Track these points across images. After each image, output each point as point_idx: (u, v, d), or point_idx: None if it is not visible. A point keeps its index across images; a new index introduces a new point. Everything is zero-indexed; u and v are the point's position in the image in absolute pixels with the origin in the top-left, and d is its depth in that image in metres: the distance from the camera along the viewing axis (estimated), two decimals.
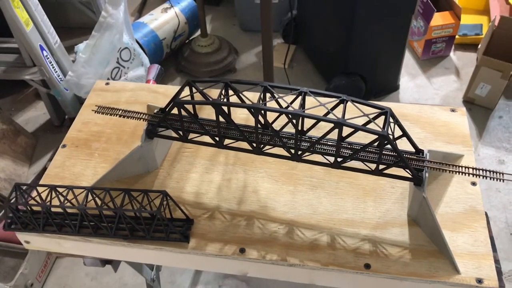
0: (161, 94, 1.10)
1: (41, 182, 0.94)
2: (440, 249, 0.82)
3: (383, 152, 0.80)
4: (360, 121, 0.79)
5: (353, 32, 2.06)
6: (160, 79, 1.39)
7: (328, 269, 0.81)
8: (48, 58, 1.99)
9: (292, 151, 0.84)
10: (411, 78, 2.45)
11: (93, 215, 0.84)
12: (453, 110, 1.04)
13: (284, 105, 0.82)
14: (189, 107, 0.86)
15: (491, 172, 0.80)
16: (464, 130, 1.00)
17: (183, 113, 0.84)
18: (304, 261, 0.82)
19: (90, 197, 0.83)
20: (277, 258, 0.82)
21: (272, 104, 0.82)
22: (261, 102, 0.82)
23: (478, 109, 2.27)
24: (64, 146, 1.00)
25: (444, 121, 1.02)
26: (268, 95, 0.84)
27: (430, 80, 2.43)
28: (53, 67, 2.01)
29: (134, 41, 2.09)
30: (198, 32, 2.49)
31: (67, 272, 1.84)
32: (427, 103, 2.31)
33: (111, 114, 0.91)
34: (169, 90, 1.11)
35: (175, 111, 0.84)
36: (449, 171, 0.82)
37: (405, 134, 0.82)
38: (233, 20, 2.83)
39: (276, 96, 0.83)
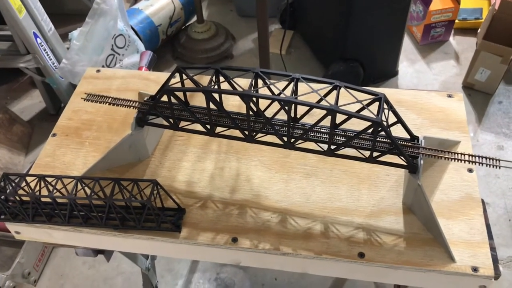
0: (153, 81, 1.08)
1: (31, 172, 0.93)
2: (435, 237, 0.81)
3: (377, 139, 0.79)
4: (354, 108, 0.77)
5: (351, 17, 2.03)
6: (153, 65, 1.37)
7: (321, 258, 0.80)
8: (42, 46, 1.96)
9: (285, 138, 0.82)
10: (410, 63, 2.42)
11: (83, 205, 0.82)
12: (450, 96, 1.03)
13: (276, 91, 0.80)
14: (180, 94, 0.85)
15: (488, 159, 0.78)
16: (461, 116, 0.99)
17: (174, 100, 0.83)
18: (297, 250, 0.81)
19: (80, 187, 0.81)
20: (270, 247, 0.81)
21: (263, 91, 0.80)
22: (252, 88, 0.80)
23: (478, 95, 2.24)
24: (54, 135, 0.99)
25: (440, 106, 1.01)
26: (260, 82, 0.82)
27: (429, 66, 2.41)
28: (47, 55, 1.98)
29: (129, 28, 2.06)
30: (195, 18, 2.46)
31: (65, 261, 1.83)
32: (426, 88, 2.29)
33: (100, 102, 0.89)
34: (161, 77, 1.09)
35: (166, 98, 0.82)
36: (445, 158, 0.80)
37: (399, 120, 0.81)
38: (230, 5, 2.79)
39: (268, 83, 0.81)
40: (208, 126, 0.85)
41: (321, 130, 0.81)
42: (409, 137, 0.83)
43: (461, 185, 0.88)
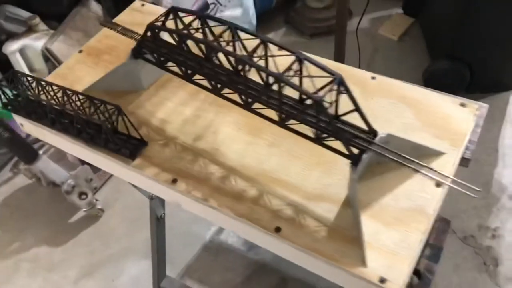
0: None
1: (50, 79, 1.06)
2: (359, 237, 0.77)
3: (321, 119, 0.76)
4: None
5: (467, 12, 1.86)
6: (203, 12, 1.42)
7: (239, 219, 0.81)
8: None
9: (243, 97, 0.83)
10: None
11: (62, 113, 0.93)
12: (463, 105, 0.93)
13: (243, 51, 0.80)
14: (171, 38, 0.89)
15: (442, 176, 0.72)
16: (463, 128, 0.89)
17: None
18: (222, 206, 0.83)
19: (66, 98, 0.92)
20: (199, 196, 0.84)
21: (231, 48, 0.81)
22: (220, 40, 0.82)
23: None
24: (80, 51, 1.11)
25: (446, 113, 0.92)
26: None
27: None
28: None
29: None
30: None
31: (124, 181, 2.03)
32: None
33: (111, 29, 0.98)
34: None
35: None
36: (397, 161, 0.75)
37: (357, 108, 0.77)
38: None
39: (240, 38, 0.81)
40: (183, 69, 0.88)
41: (274, 96, 0.80)
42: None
43: (419, 196, 0.81)
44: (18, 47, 2.05)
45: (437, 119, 0.91)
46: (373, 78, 0.98)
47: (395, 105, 0.93)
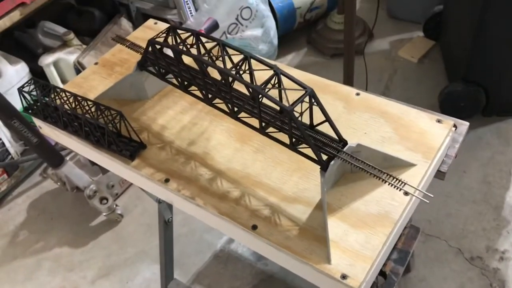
0: None
1: (67, 87, 1.17)
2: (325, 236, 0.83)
3: (293, 127, 0.83)
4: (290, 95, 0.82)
5: (480, 34, 1.89)
6: (212, 32, 1.52)
7: (221, 217, 0.89)
8: (187, 4, 2.26)
9: (230, 106, 0.92)
10: None
11: (73, 117, 1.03)
12: (439, 121, 0.98)
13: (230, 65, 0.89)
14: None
15: (396, 180, 0.78)
16: (436, 142, 0.95)
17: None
18: (207, 204, 0.91)
19: (77, 103, 1.02)
20: (188, 195, 0.93)
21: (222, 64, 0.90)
22: (211, 56, 0.91)
23: None
24: (96, 63, 1.22)
25: (422, 128, 0.98)
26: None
27: None
28: (190, 12, 2.27)
29: (262, 3, 2.23)
30: None
31: None
32: None
33: (121, 44, 1.09)
34: None
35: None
36: (363, 169, 0.82)
37: (327, 119, 0.84)
38: (383, 3, 2.78)
39: (227, 54, 0.91)
40: (179, 80, 0.98)
41: (255, 106, 0.88)
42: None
43: (387, 203, 0.87)
44: (52, 60, 2.21)
45: (413, 133, 0.97)
46: (357, 94, 1.05)
47: (375, 119, 1.00)
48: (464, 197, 1.98)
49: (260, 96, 0.83)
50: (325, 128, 0.86)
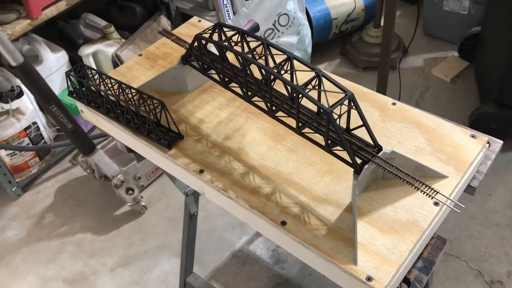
0: None
1: (110, 75, 1.21)
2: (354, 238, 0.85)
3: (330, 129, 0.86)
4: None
5: None
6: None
7: (252, 211, 0.91)
8: (226, 7, 2.30)
9: (269, 105, 0.94)
10: None
11: (116, 104, 1.07)
12: (473, 136, 0.99)
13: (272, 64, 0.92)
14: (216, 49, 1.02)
15: (430, 190, 0.80)
16: (469, 157, 0.96)
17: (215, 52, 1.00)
18: (239, 198, 0.93)
19: (121, 90, 1.06)
20: (221, 187, 0.95)
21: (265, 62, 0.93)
22: (255, 54, 0.94)
23: None
24: (140, 55, 1.26)
25: (455, 141, 0.99)
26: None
27: None
28: (228, 15, 2.32)
29: (300, 11, 2.26)
30: None
31: (170, 183, 2.18)
32: None
33: (166, 37, 1.13)
34: None
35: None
36: (396, 175, 0.84)
37: (364, 124, 0.86)
38: (419, 21, 2.78)
39: (271, 53, 0.93)
40: (221, 76, 1.01)
41: (294, 106, 0.90)
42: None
43: (416, 211, 0.88)
44: (92, 51, 2.28)
45: (447, 146, 0.98)
46: (393, 103, 1.07)
47: (410, 129, 1.01)
48: (488, 220, 1.96)
49: (300, 96, 0.86)
50: (360, 134, 0.88)
